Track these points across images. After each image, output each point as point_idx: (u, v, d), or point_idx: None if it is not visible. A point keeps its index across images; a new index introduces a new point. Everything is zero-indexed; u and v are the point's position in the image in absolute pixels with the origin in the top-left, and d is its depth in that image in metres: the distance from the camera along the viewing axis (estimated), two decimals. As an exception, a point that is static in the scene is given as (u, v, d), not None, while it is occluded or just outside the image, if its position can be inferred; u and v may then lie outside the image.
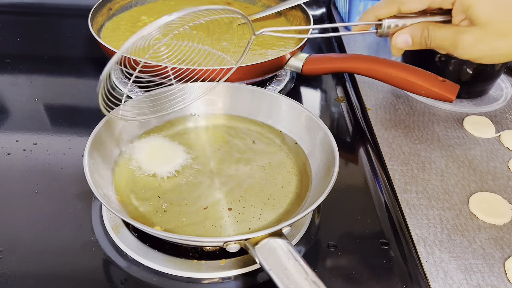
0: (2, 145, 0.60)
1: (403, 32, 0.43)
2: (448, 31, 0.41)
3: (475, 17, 0.39)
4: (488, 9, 0.38)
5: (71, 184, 0.55)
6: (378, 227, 0.53)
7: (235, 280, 0.46)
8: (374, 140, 0.65)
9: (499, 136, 0.66)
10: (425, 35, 0.42)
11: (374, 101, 0.71)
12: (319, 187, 0.50)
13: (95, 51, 0.77)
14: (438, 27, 0.42)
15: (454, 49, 0.41)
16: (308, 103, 0.75)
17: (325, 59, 0.72)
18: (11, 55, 0.81)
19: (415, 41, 0.43)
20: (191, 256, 0.47)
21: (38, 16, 0.96)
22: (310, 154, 0.56)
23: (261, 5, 0.90)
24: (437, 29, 0.42)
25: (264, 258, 0.40)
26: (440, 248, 0.50)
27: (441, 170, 0.60)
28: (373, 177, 0.60)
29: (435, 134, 0.66)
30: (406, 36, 0.43)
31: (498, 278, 0.47)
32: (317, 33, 0.90)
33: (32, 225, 0.50)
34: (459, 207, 0.55)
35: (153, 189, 0.52)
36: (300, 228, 0.51)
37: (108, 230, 0.49)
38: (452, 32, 0.41)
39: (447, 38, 0.41)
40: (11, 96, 0.71)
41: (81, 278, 0.46)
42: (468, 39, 0.40)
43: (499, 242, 0.51)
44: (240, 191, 0.52)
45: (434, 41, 0.42)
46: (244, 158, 0.56)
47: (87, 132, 0.51)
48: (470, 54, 0.41)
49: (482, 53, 0.40)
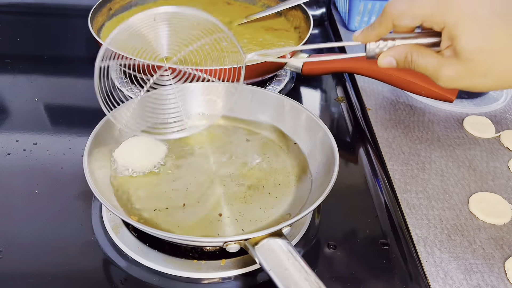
0: (2, 145, 0.60)
1: (388, 54, 0.43)
2: (431, 61, 0.41)
3: (459, 50, 0.38)
4: (473, 45, 0.38)
5: (71, 184, 0.55)
6: (378, 227, 0.53)
7: (235, 280, 0.46)
8: (374, 140, 0.65)
9: (499, 136, 0.66)
10: (409, 60, 0.42)
11: (374, 101, 0.71)
12: (319, 187, 0.50)
13: (95, 51, 0.76)
14: (421, 55, 0.42)
15: (436, 80, 0.41)
16: (308, 103, 0.75)
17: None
18: (11, 55, 0.81)
19: (399, 63, 0.43)
20: (191, 256, 0.47)
21: (38, 16, 0.96)
22: (310, 154, 0.56)
23: (261, 5, 0.90)
24: (420, 57, 0.41)
25: (264, 258, 0.40)
26: (440, 248, 0.50)
27: (441, 170, 0.60)
28: (373, 177, 0.60)
29: (435, 134, 0.66)
30: (390, 59, 0.43)
31: (498, 278, 0.47)
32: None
33: (32, 225, 0.50)
34: (459, 207, 0.55)
35: (152, 189, 0.52)
36: (300, 228, 0.51)
37: (108, 230, 0.49)
38: (434, 64, 0.41)
39: (429, 68, 0.41)
40: (11, 96, 0.71)
41: (81, 278, 0.46)
42: (448, 74, 0.40)
43: (499, 242, 0.51)
44: (240, 191, 0.52)
45: (418, 68, 0.42)
46: (244, 158, 0.56)
47: (87, 132, 0.51)
48: (451, 87, 0.41)
49: (463, 86, 0.41)
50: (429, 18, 0.40)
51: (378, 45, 0.43)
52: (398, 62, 0.43)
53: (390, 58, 0.43)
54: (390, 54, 0.43)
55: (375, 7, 0.88)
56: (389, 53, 0.43)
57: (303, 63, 0.71)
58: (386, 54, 0.43)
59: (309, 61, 0.71)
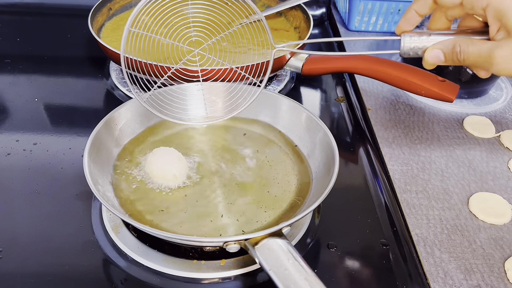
0: (2, 145, 0.60)
1: (434, 47, 0.40)
2: (482, 46, 0.38)
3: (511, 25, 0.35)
4: None
5: (71, 184, 0.55)
6: (378, 227, 0.53)
7: (235, 280, 0.46)
8: (374, 140, 0.65)
9: (499, 136, 0.66)
10: (457, 51, 0.39)
11: (374, 101, 0.71)
12: (319, 187, 0.50)
13: (95, 51, 0.77)
14: (471, 43, 0.39)
15: (489, 65, 0.38)
16: (308, 103, 0.75)
17: (325, 59, 0.72)
18: (11, 55, 0.81)
19: (447, 57, 0.40)
20: (191, 256, 0.47)
21: (38, 16, 0.96)
22: (310, 154, 0.56)
23: (261, 5, 0.90)
24: (470, 45, 0.39)
25: (264, 258, 0.40)
26: (440, 248, 0.50)
27: (441, 170, 0.60)
28: (373, 177, 0.60)
29: (435, 134, 0.66)
30: (438, 52, 0.40)
31: (498, 278, 0.47)
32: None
33: (32, 225, 0.50)
34: (459, 207, 0.55)
35: (153, 189, 0.52)
36: (300, 228, 0.51)
37: (108, 230, 0.49)
38: (486, 47, 0.38)
39: (481, 54, 0.38)
40: (11, 96, 0.71)
41: (81, 278, 0.46)
42: (503, 54, 0.37)
43: (499, 242, 0.51)
44: (240, 191, 0.52)
45: (468, 58, 0.39)
46: (244, 158, 0.56)
47: (87, 132, 0.51)
48: (507, 70, 0.38)
49: None
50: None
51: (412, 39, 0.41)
52: (446, 56, 0.40)
53: (437, 52, 0.40)
54: (437, 47, 0.40)
55: (375, 7, 0.88)
56: (436, 46, 0.40)
57: (303, 63, 0.71)
58: (432, 48, 0.40)
59: (309, 60, 0.71)
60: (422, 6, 0.41)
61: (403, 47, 0.41)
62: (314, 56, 0.72)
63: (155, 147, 0.54)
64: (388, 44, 0.89)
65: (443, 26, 0.43)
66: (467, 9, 0.39)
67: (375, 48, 0.87)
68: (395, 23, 0.90)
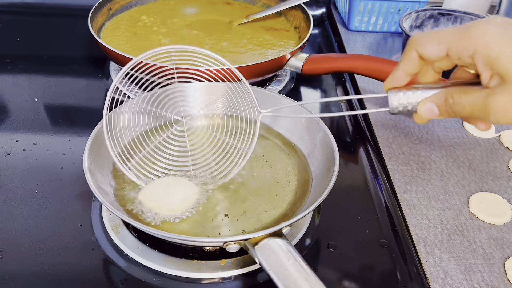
0: (2, 145, 0.60)
1: (427, 101, 0.38)
2: (476, 95, 0.36)
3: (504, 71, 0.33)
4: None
5: (71, 184, 0.55)
6: (378, 227, 0.53)
7: (235, 280, 0.46)
8: (374, 140, 0.65)
9: (499, 136, 0.66)
10: (450, 103, 0.37)
11: (374, 101, 0.71)
12: (319, 187, 0.50)
13: (95, 51, 0.77)
14: (463, 92, 0.37)
15: (487, 115, 0.35)
16: (308, 103, 0.75)
17: (325, 59, 0.72)
18: (11, 55, 0.81)
19: (441, 110, 0.38)
20: (191, 256, 0.47)
21: (38, 16, 0.96)
22: (310, 154, 0.56)
23: (261, 5, 0.90)
24: (463, 95, 0.36)
25: (264, 258, 0.40)
26: (440, 248, 0.50)
27: (441, 170, 0.60)
28: (373, 177, 0.60)
29: (435, 134, 0.66)
30: (431, 105, 0.38)
31: (498, 278, 0.47)
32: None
33: (32, 225, 0.50)
34: (459, 207, 0.55)
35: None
36: (300, 228, 0.51)
37: (108, 230, 0.49)
38: (481, 96, 0.35)
39: (476, 104, 0.36)
40: (11, 96, 0.71)
41: (81, 278, 0.46)
42: (500, 101, 0.34)
43: (499, 242, 0.51)
44: (240, 191, 0.52)
45: (463, 109, 0.37)
46: (244, 158, 0.56)
47: (87, 132, 0.51)
48: (507, 118, 0.35)
49: None
50: (455, 43, 0.36)
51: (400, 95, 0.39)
52: (439, 108, 0.38)
53: (430, 105, 0.38)
54: (430, 100, 0.38)
55: (375, 7, 0.88)
56: (428, 100, 0.38)
57: (303, 63, 0.71)
58: (425, 101, 0.38)
59: (309, 60, 0.71)
60: (410, 66, 0.39)
61: (391, 104, 0.40)
62: (314, 56, 0.72)
63: (155, 147, 0.54)
64: (387, 44, 0.89)
65: (432, 79, 0.41)
66: (454, 60, 0.37)
67: (375, 48, 0.87)
68: (395, 23, 0.90)
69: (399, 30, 0.90)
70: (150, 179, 0.51)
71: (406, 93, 0.39)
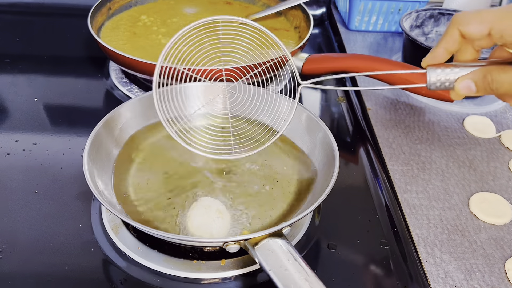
0: (1, 145, 0.60)
1: (465, 78, 0.39)
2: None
3: None
4: None
5: (70, 184, 0.55)
6: (378, 227, 0.53)
7: (235, 280, 0.46)
8: (374, 140, 0.65)
9: (499, 136, 0.66)
10: (488, 80, 0.38)
11: (374, 101, 0.71)
12: (319, 187, 0.50)
13: (95, 51, 0.77)
14: (502, 71, 0.37)
15: None
16: (308, 103, 0.75)
17: (325, 58, 0.72)
18: (11, 55, 0.81)
19: (479, 86, 0.38)
20: (190, 257, 0.47)
21: (38, 16, 0.96)
22: (310, 154, 0.56)
23: (261, 4, 0.90)
24: (502, 73, 0.37)
25: (264, 258, 0.40)
26: (440, 249, 0.50)
27: (442, 170, 0.59)
28: (373, 177, 0.60)
29: (435, 134, 0.65)
30: (469, 82, 0.38)
31: (499, 279, 0.47)
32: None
33: (32, 225, 0.50)
34: (459, 207, 0.55)
35: (154, 189, 0.52)
36: (300, 228, 0.51)
37: (108, 230, 0.49)
38: None
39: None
40: (11, 96, 0.71)
41: (80, 278, 0.46)
42: None
43: (499, 242, 0.51)
44: (240, 191, 0.52)
45: (501, 86, 0.37)
46: (244, 159, 0.56)
47: (87, 132, 0.51)
48: None
49: None
50: (498, 22, 0.36)
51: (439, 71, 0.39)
52: (477, 85, 0.38)
53: (468, 82, 0.39)
54: (468, 77, 0.39)
55: (375, 7, 0.88)
56: (466, 76, 0.39)
57: (303, 63, 0.71)
58: (463, 78, 0.39)
59: (309, 60, 0.71)
60: (450, 43, 0.40)
61: (429, 80, 0.40)
62: (314, 56, 0.72)
63: (155, 147, 0.53)
64: (387, 44, 0.89)
65: (471, 57, 0.41)
66: (495, 39, 0.38)
67: (375, 48, 0.87)
68: (396, 23, 0.90)
69: (399, 30, 0.90)
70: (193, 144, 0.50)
71: (445, 70, 0.40)
